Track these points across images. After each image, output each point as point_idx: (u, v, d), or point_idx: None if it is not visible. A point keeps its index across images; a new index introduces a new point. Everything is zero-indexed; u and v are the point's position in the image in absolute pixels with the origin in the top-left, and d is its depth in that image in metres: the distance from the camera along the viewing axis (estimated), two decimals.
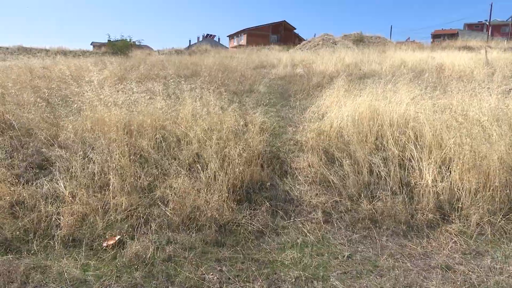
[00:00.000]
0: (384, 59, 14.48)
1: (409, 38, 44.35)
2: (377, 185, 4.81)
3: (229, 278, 3.38)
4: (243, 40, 51.99)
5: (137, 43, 28.87)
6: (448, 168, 4.77)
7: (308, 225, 4.29)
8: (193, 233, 4.02)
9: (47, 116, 5.89)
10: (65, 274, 3.34)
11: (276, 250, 3.84)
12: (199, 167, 4.74)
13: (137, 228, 4.04)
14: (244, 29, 53.10)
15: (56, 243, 3.81)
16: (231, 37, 59.85)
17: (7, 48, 27.28)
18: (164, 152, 5.12)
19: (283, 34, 51.74)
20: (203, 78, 8.87)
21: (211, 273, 3.44)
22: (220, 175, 4.54)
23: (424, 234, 4.12)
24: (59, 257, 3.63)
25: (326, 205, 4.56)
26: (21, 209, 4.16)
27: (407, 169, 4.90)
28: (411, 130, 5.36)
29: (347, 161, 5.02)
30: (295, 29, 53.81)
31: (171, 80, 8.38)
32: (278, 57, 16.74)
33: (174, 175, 4.65)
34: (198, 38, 57.95)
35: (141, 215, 4.18)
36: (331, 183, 4.86)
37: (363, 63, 13.31)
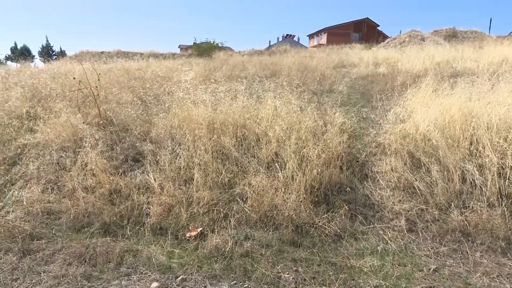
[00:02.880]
0: (481, 55, 13.06)
1: None
2: (471, 194, 4.37)
3: (304, 279, 3.36)
4: (323, 39, 51.27)
5: (220, 45, 30.09)
6: None
7: (389, 232, 4.08)
8: (270, 231, 4.08)
9: (141, 114, 6.46)
10: (153, 259, 3.63)
11: (354, 256, 3.72)
12: (277, 166, 4.79)
13: (217, 222, 4.22)
14: (324, 28, 52.34)
15: (146, 230, 4.16)
16: (310, 36, 59.39)
17: (109, 53, 30.54)
18: (244, 150, 5.28)
19: (365, 32, 49.78)
20: (283, 78, 8.93)
21: (287, 273, 3.46)
22: (298, 175, 4.54)
23: None
24: (148, 243, 3.96)
25: (410, 212, 4.29)
26: (118, 197, 4.62)
27: (508, 179, 4.37)
28: None
29: (435, 167, 4.66)
30: (379, 26, 51.48)
31: (252, 80, 8.61)
32: (360, 56, 16.12)
33: (253, 173, 4.77)
34: (278, 38, 58.56)
35: (221, 209, 4.36)
36: (417, 189, 4.55)
37: (456, 60, 12.17)
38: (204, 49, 26.39)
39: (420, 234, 4.04)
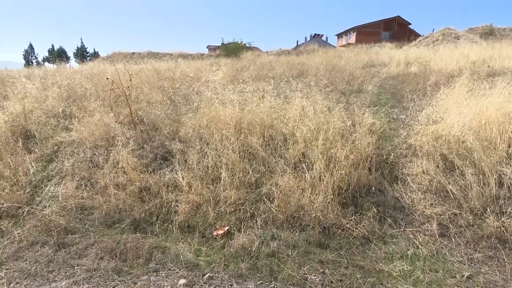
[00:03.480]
0: None
1: None
2: (509, 199, 4.18)
3: (331, 282, 3.32)
4: (352, 38, 50.47)
5: (247, 45, 30.28)
6: None
7: (420, 236, 3.96)
8: (296, 231, 4.05)
9: (170, 113, 6.58)
10: (181, 256, 3.70)
11: (383, 260, 3.64)
12: (305, 167, 4.76)
13: (244, 221, 4.24)
14: (353, 27, 51.53)
15: (174, 227, 4.24)
16: (339, 36, 58.61)
17: (140, 54, 31.40)
18: (271, 150, 5.27)
19: (396, 30, 48.57)
20: (310, 78, 8.86)
21: (314, 274, 3.42)
22: (325, 176, 4.49)
23: None
24: (176, 240, 4.03)
25: (442, 216, 4.15)
26: (147, 195, 4.73)
27: None
28: None
29: (470, 170, 4.48)
30: (410, 24, 50.01)
31: (279, 80, 8.59)
32: (390, 55, 15.73)
33: (280, 173, 4.75)
34: (306, 38, 58.11)
35: (248, 209, 4.38)
36: (450, 193, 4.40)
37: (493, 59, 11.64)
38: (232, 50, 26.66)
39: (453, 240, 3.90)
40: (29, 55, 55.07)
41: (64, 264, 3.63)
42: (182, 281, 3.34)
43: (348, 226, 4.07)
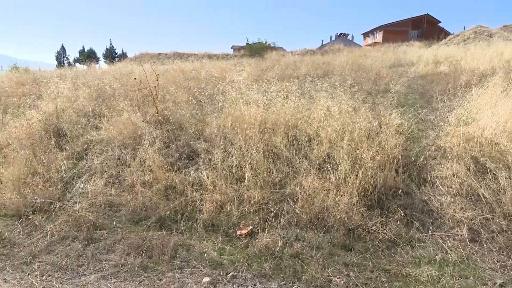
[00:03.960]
0: None
1: None
2: None
3: (356, 285, 3.27)
4: (378, 37, 49.45)
5: (272, 45, 30.18)
6: None
7: (449, 241, 3.84)
8: (320, 233, 4.01)
9: (195, 113, 6.66)
10: (205, 254, 3.74)
11: (410, 264, 3.55)
12: (329, 168, 4.71)
13: (267, 221, 4.24)
14: (380, 26, 50.46)
15: (199, 226, 4.29)
16: (365, 35, 57.58)
17: (166, 54, 31.97)
18: (295, 150, 5.24)
19: (425, 29, 47.16)
20: (335, 77, 8.75)
21: (338, 277, 3.38)
22: (350, 177, 4.42)
23: None
24: (200, 238, 4.08)
25: (473, 221, 4.00)
26: (173, 193, 4.81)
27: None
28: None
29: (503, 173, 4.31)
30: (440, 22, 48.44)
31: (303, 80, 8.53)
32: (418, 54, 15.30)
33: (304, 174, 4.72)
34: (331, 37, 57.41)
35: (272, 209, 4.37)
36: (481, 197, 4.23)
37: None
38: (256, 50, 26.60)
39: (485, 245, 3.76)
40: (61, 56, 57.14)
41: (93, 258, 3.75)
42: (206, 279, 3.37)
43: (373, 228, 3.99)
